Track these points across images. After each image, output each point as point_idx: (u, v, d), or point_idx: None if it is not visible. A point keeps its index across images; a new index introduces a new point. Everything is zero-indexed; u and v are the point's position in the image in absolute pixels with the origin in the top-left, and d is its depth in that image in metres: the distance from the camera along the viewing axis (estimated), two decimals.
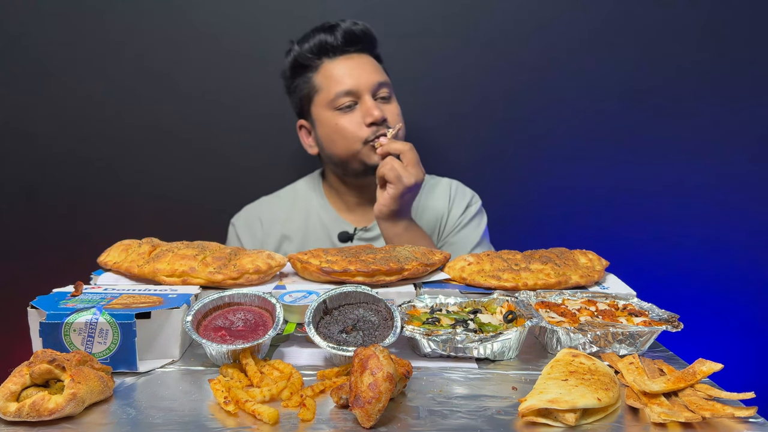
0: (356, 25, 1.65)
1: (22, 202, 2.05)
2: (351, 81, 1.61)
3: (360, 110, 1.62)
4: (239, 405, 0.79)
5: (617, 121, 2.04)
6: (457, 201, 1.80)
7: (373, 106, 1.60)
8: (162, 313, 0.94)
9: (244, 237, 1.79)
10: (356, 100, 1.62)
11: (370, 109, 1.59)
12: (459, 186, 1.83)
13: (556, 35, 1.99)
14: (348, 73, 1.62)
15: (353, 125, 1.61)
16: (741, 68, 1.99)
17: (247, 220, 1.81)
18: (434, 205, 1.79)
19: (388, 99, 1.66)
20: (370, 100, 1.61)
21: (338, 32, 1.63)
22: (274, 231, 1.78)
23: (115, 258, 1.22)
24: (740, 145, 2.03)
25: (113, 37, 1.98)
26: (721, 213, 2.06)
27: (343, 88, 1.61)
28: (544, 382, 0.81)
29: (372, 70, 1.64)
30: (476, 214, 1.80)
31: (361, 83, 1.61)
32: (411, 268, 1.18)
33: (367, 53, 1.69)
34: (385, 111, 1.62)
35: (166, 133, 2.04)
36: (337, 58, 1.65)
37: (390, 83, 1.68)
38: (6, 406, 0.75)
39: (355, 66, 1.63)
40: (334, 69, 1.64)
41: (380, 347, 0.78)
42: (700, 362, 0.83)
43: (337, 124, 1.63)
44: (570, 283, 1.19)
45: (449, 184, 1.83)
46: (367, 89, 1.61)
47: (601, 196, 2.07)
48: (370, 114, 1.59)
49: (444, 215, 1.78)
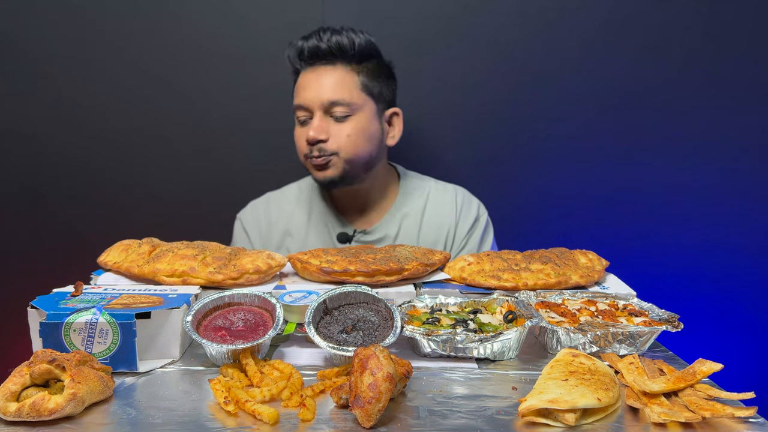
0: (328, 39, 1.61)
1: (22, 202, 2.05)
2: (305, 95, 1.61)
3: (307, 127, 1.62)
4: (239, 405, 0.79)
5: (617, 121, 2.03)
6: (464, 213, 1.77)
7: (314, 126, 1.59)
8: (162, 313, 0.94)
9: (251, 231, 1.79)
10: (310, 115, 1.62)
11: (308, 129, 1.60)
12: (465, 196, 1.81)
13: (556, 36, 1.99)
14: (306, 87, 1.62)
15: (300, 138, 1.64)
16: (742, 68, 1.99)
17: (253, 215, 1.81)
18: (441, 214, 1.76)
19: (342, 119, 1.61)
20: (318, 118, 1.60)
21: (307, 44, 1.63)
22: (278, 227, 1.78)
23: (115, 258, 1.22)
24: (741, 145, 2.03)
25: (113, 38, 1.98)
26: (722, 213, 2.06)
27: (297, 102, 1.63)
28: (544, 382, 0.81)
29: (330, 86, 1.60)
30: (485, 230, 1.78)
31: (312, 100, 1.60)
32: (411, 268, 1.18)
33: (342, 65, 1.63)
34: (332, 131, 1.60)
35: (167, 134, 2.04)
36: (307, 69, 1.65)
37: (356, 102, 1.61)
38: (6, 406, 0.75)
39: (315, 81, 1.62)
40: (301, 80, 1.65)
41: (380, 347, 0.78)
42: (700, 362, 0.83)
43: (295, 133, 1.68)
44: (570, 283, 1.19)
45: (455, 192, 1.80)
46: (316, 106, 1.60)
47: (602, 196, 2.07)
48: (306, 133, 1.61)
49: (451, 227, 1.76)
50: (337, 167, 1.62)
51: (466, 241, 1.76)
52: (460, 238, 1.76)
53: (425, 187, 1.81)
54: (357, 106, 1.62)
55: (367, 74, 1.65)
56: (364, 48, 1.64)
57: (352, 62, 1.64)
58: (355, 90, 1.63)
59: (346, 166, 1.62)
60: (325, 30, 1.63)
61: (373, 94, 1.66)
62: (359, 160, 1.63)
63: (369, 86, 1.65)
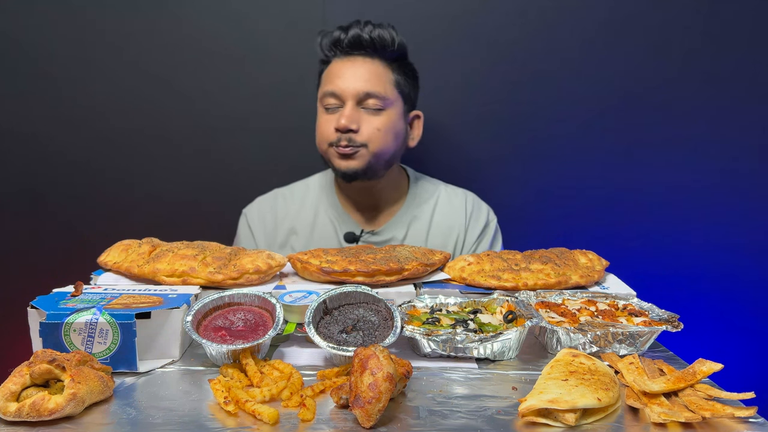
0: (370, 31, 1.62)
1: (22, 202, 2.05)
2: (339, 84, 1.60)
3: (340, 113, 1.61)
4: (239, 405, 0.79)
5: (617, 121, 2.03)
6: (474, 218, 1.77)
7: (345, 115, 1.58)
8: (162, 313, 0.94)
9: (256, 228, 1.78)
10: (341, 103, 1.61)
11: (340, 117, 1.58)
12: (475, 201, 1.81)
13: (556, 36, 1.99)
14: (340, 76, 1.61)
15: (327, 126, 1.62)
16: (742, 68, 1.99)
17: (259, 211, 1.80)
18: (450, 218, 1.76)
19: (376, 111, 1.61)
20: (350, 108, 1.59)
21: (348, 33, 1.62)
22: (284, 225, 1.77)
23: (115, 258, 1.22)
24: (741, 145, 2.03)
25: (113, 38, 1.98)
26: (722, 213, 2.06)
27: (330, 89, 1.61)
28: (544, 382, 0.81)
29: (367, 77, 1.60)
30: (494, 236, 1.78)
31: (347, 89, 1.59)
32: (411, 268, 1.18)
33: (381, 60, 1.64)
34: (364, 122, 1.59)
35: (167, 134, 2.04)
36: (343, 58, 1.64)
37: (390, 97, 1.63)
38: (6, 406, 0.75)
39: (351, 70, 1.61)
40: (334, 68, 1.64)
41: (380, 347, 0.78)
42: (700, 362, 0.83)
43: (319, 120, 1.66)
44: (570, 283, 1.19)
45: (465, 197, 1.80)
46: (351, 95, 1.59)
47: (602, 196, 2.07)
48: (337, 120, 1.59)
49: (461, 233, 1.75)
50: (363, 159, 1.61)
51: (476, 246, 1.75)
52: (470, 244, 1.75)
53: (435, 191, 1.80)
54: (390, 101, 1.63)
55: (399, 72, 1.67)
56: (401, 46, 1.66)
57: (388, 58, 1.65)
58: (389, 85, 1.64)
59: (372, 159, 1.61)
60: (366, 22, 1.64)
61: (403, 93, 1.68)
62: (384, 156, 1.64)
63: (401, 84, 1.67)
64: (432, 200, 1.78)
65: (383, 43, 1.63)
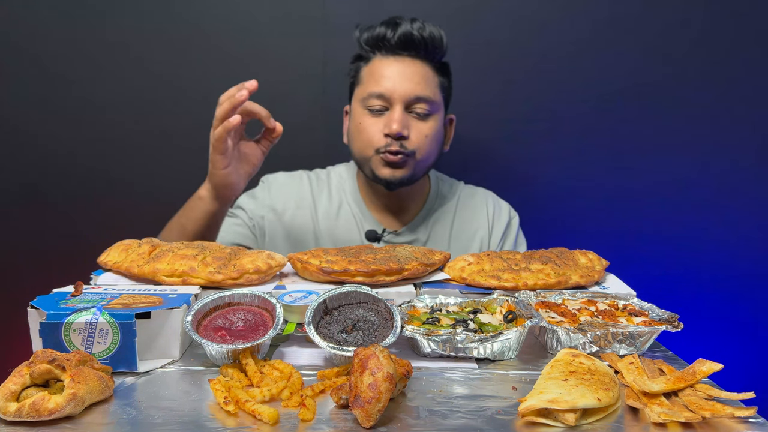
0: (420, 29, 1.53)
1: (22, 202, 2.06)
2: (387, 85, 1.52)
3: (386, 117, 1.53)
4: (239, 405, 0.79)
5: (618, 120, 2.04)
6: (496, 221, 1.73)
7: (396, 119, 1.50)
8: (162, 313, 0.94)
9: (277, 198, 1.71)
10: (387, 106, 1.53)
11: (391, 121, 1.50)
12: (495, 201, 1.77)
13: (556, 35, 1.99)
14: (388, 77, 1.53)
15: (373, 130, 1.54)
16: (742, 68, 1.99)
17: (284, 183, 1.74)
18: (472, 221, 1.72)
19: (424, 117, 1.54)
20: (399, 112, 1.51)
21: (397, 30, 1.53)
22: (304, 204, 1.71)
23: (115, 258, 1.22)
24: (741, 145, 2.03)
25: (114, 38, 1.98)
26: (722, 213, 2.06)
27: (376, 90, 1.53)
28: (544, 382, 0.81)
29: (417, 80, 1.52)
30: (518, 233, 1.74)
31: (396, 91, 1.51)
32: (411, 268, 1.18)
33: (426, 61, 1.56)
34: (412, 128, 1.52)
35: (167, 134, 2.04)
36: (388, 57, 1.55)
37: (437, 101, 1.57)
38: (6, 406, 0.75)
39: (400, 71, 1.53)
40: (379, 67, 1.55)
41: (380, 347, 0.78)
42: (700, 362, 0.83)
43: (360, 123, 1.57)
44: (570, 283, 1.19)
45: (485, 198, 1.76)
46: (400, 99, 1.51)
47: (602, 196, 2.07)
48: (388, 125, 1.51)
49: (484, 237, 1.71)
50: (410, 168, 1.55)
51: (500, 247, 1.72)
52: (495, 245, 1.72)
53: (456, 192, 1.76)
54: (437, 105, 1.57)
55: (443, 74, 1.61)
56: (446, 46, 1.58)
57: (434, 59, 1.58)
58: (437, 89, 1.58)
59: (417, 168, 1.56)
60: (412, 19, 1.55)
61: (445, 96, 1.62)
62: (427, 163, 1.59)
63: (444, 88, 1.61)
64: (453, 201, 1.74)
65: (434, 43, 1.55)
